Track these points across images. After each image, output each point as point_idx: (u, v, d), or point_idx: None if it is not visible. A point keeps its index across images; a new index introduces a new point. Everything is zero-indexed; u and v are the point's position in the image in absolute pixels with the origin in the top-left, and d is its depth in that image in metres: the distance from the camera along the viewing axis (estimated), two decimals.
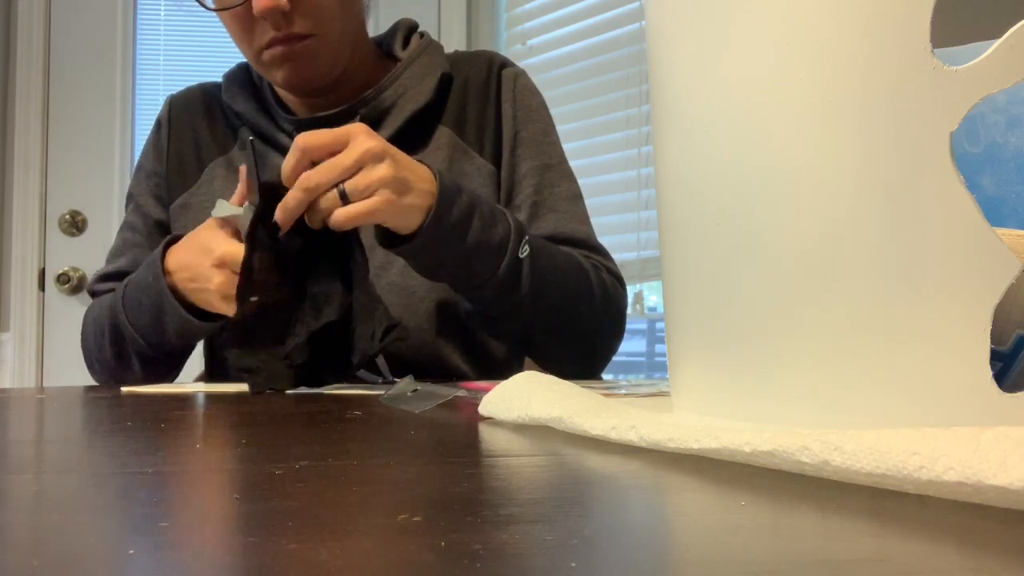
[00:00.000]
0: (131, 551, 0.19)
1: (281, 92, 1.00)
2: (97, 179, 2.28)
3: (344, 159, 0.70)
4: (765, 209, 0.35)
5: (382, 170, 0.71)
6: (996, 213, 0.53)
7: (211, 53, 2.43)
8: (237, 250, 0.74)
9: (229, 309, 0.76)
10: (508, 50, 2.36)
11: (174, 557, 0.19)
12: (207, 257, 0.76)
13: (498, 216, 0.81)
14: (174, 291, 0.81)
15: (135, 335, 0.87)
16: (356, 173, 0.71)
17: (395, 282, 0.90)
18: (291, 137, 0.94)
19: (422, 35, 1.03)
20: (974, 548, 0.20)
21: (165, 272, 0.81)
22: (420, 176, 0.75)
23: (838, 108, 0.33)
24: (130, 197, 1.06)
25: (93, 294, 1.00)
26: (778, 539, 0.21)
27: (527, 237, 0.82)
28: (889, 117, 0.32)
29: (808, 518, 0.23)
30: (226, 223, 0.78)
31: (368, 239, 0.90)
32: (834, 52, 0.33)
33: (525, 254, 0.81)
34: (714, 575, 0.18)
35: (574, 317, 0.88)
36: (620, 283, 0.95)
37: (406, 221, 0.74)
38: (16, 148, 2.32)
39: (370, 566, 0.18)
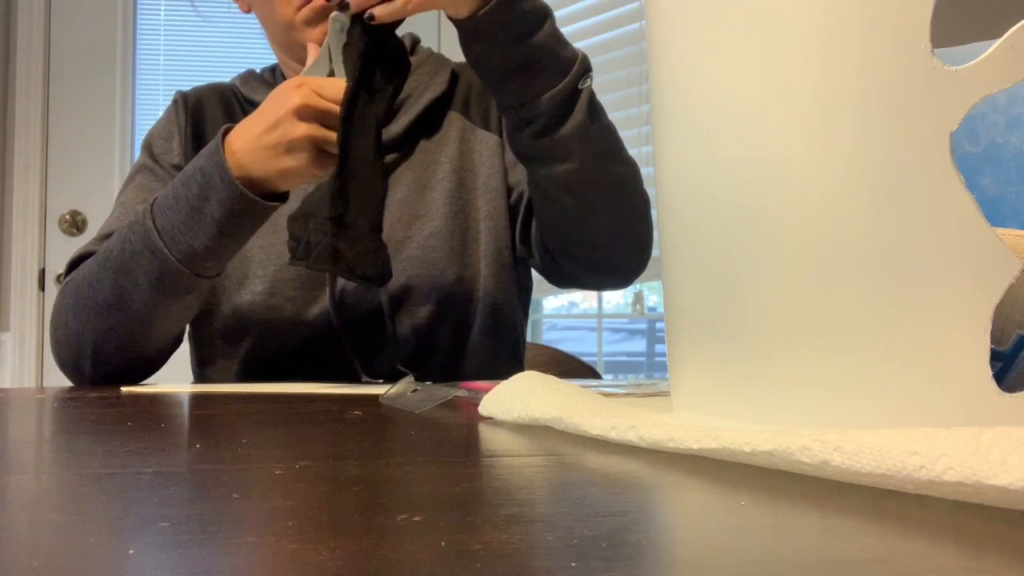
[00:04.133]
0: (131, 551, 0.19)
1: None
2: (97, 179, 2.28)
3: None
4: (765, 209, 0.35)
5: None
6: (996, 213, 0.53)
7: (211, 54, 2.43)
8: (319, 102, 0.72)
9: (314, 167, 0.74)
10: None
11: (174, 557, 0.19)
12: (283, 107, 0.73)
13: (565, 42, 0.80)
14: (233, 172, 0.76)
15: (160, 244, 0.78)
16: None
17: (415, 255, 0.91)
18: None
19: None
20: (974, 548, 0.20)
21: (225, 150, 0.76)
22: None
23: (838, 108, 0.33)
24: (140, 168, 0.99)
25: (84, 257, 0.89)
26: (778, 539, 0.21)
27: (591, 76, 0.81)
28: (889, 117, 0.32)
29: (808, 518, 0.23)
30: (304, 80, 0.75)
31: (397, 212, 0.91)
32: (834, 52, 0.33)
33: (585, 86, 0.80)
34: (714, 575, 0.18)
35: (622, 184, 0.86)
36: None
37: (457, 5, 0.73)
38: (16, 148, 2.32)
39: (370, 566, 0.18)
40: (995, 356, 0.36)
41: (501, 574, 0.17)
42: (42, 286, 2.28)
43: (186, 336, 0.98)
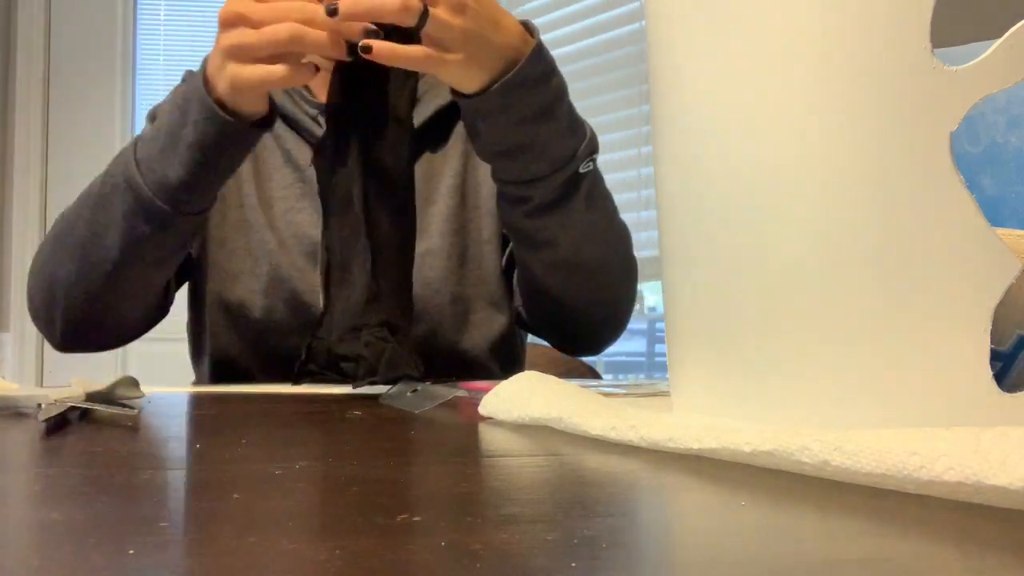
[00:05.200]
0: (131, 551, 0.19)
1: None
2: None
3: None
4: (765, 209, 0.35)
5: (461, 21, 0.65)
6: (996, 213, 0.53)
7: None
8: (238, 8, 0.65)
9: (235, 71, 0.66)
10: None
11: (174, 557, 0.19)
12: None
13: (577, 120, 0.76)
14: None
15: (135, 173, 0.73)
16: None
17: (416, 274, 0.90)
18: (315, 121, 0.91)
19: None
20: (974, 548, 0.20)
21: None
22: (501, 42, 0.69)
23: (838, 108, 0.33)
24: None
25: None
26: (778, 539, 0.21)
27: (595, 156, 0.77)
28: (889, 117, 0.32)
29: (808, 518, 0.23)
30: None
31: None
32: (834, 52, 0.33)
33: (587, 171, 0.76)
34: (714, 575, 0.18)
35: (606, 267, 0.85)
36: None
37: (463, 81, 0.69)
38: (16, 148, 2.32)
39: (370, 566, 0.18)
40: (995, 356, 0.36)
41: (501, 574, 0.17)
42: None
43: (186, 332, 0.97)
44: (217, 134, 0.70)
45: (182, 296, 0.94)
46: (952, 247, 0.31)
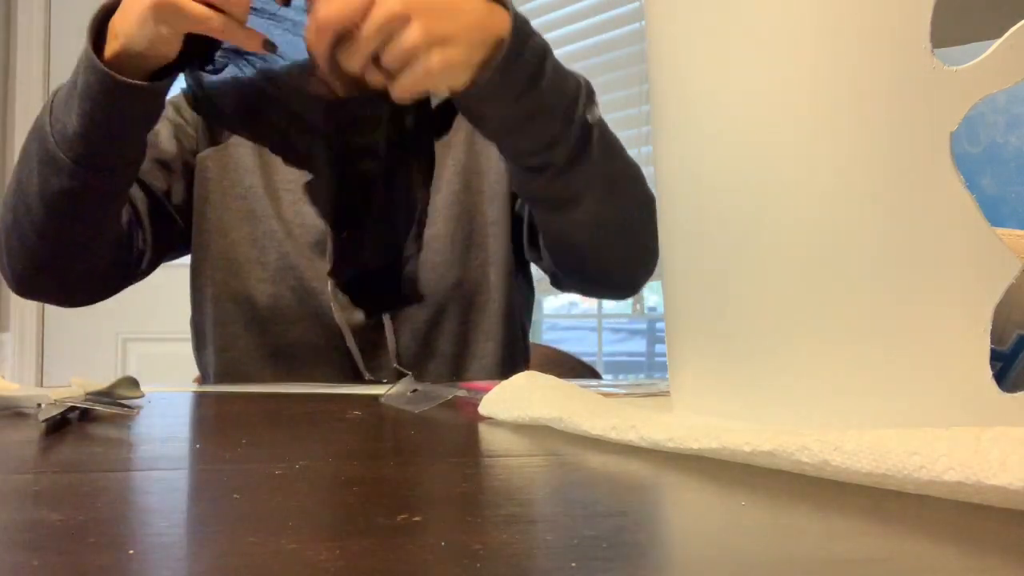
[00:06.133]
0: (131, 551, 0.19)
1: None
2: None
3: (366, 30, 0.63)
4: (765, 209, 0.35)
5: (412, 34, 0.64)
6: (996, 213, 0.53)
7: None
8: None
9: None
10: None
11: (174, 557, 0.19)
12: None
13: (565, 72, 0.75)
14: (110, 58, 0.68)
15: (46, 122, 0.72)
16: (386, 42, 0.63)
17: (422, 258, 0.90)
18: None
19: None
20: (974, 548, 0.20)
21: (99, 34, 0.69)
22: (467, 23, 0.67)
23: (838, 108, 0.33)
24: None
25: None
26: (778, 539, 0.21)
27: (597, 104, 0.76)
28: (889, 117, 0.32)
29: (808, 518, 0.23)
30: None
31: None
32: (834, 52, 0.33)
33: (595, 119, 0.75)
34: (714, 575, 0.18)
35: (631, 212, 0.83)
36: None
37: (455, 80, 0.68)
38: (16, 148, 2.32)
39: (370, 566, 0.18)
40: (995, 356, 0.36)
41: (501, 574, 0.17)
42: None
43: (189, 324, 0.97)
44: (98, 84, 0.68)
45: (181, 296, 0.94)
46: (952, 247, 0.31)
